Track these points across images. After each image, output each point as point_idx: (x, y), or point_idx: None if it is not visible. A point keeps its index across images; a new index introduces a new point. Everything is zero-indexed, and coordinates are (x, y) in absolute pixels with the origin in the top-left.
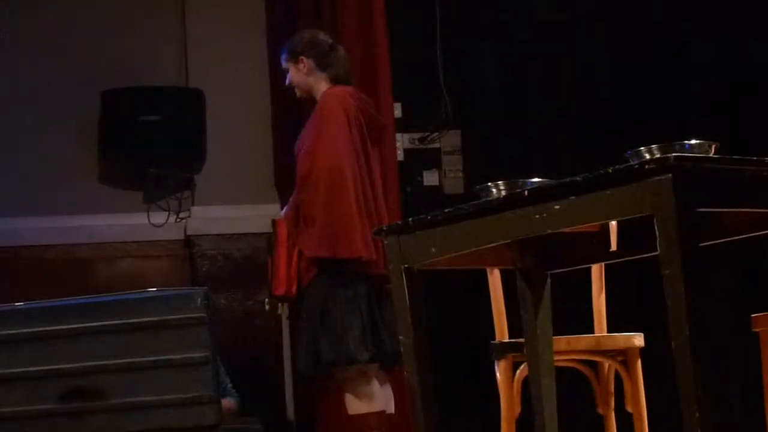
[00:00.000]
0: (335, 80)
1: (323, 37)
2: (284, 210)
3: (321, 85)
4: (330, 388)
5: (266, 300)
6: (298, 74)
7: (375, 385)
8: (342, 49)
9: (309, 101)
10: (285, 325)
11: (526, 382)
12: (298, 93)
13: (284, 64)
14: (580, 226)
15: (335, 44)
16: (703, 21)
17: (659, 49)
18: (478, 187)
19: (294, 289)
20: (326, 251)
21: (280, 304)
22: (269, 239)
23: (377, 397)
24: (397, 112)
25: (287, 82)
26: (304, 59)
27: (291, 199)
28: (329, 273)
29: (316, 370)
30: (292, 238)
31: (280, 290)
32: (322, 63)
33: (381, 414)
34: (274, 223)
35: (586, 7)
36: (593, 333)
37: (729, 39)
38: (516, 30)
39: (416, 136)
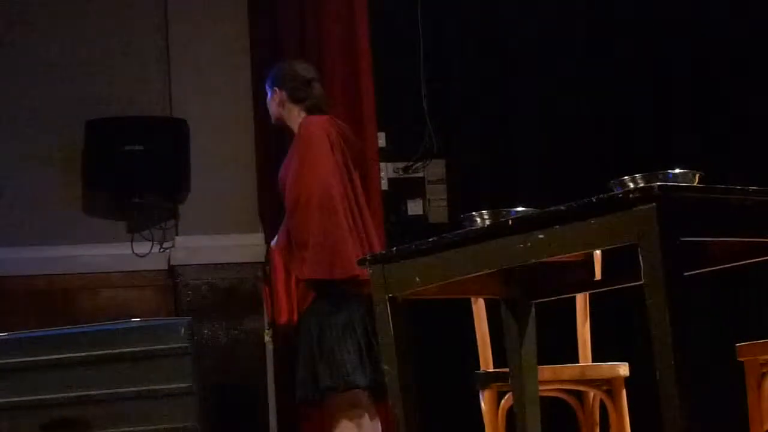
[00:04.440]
0: (309, 112)
1: (302, 70)
2: (276, 238)
3: (294, 116)
4: (316, 418)
5: (266, 331)
6: (273, 103)
7: (364, 416)
8: (318, 86)
9: (286, 129)
10: (270, 354)
11: (511, 412)
12: (272, 119)
13: (266, 88)
14: (564, 256)
15: (312, 79)
16: (687, 47)
17: (643, 77)
18: (462, 216)
19: (295, 316)
20: (322, 273)
21: (267, 334)
22: (264, 268)
23: (365, 428)
24: (381, 141)
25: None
26: (278, 90)
27: (282, 226)
28: (325, 299)
29: (314, 396)
30: (286, 265)
31: (283, 318)
32: (296, 96)
33: None
34: (268, 251)
35: (570, 36)
36: (578, 362)
37: (713, 67)
38: (499, 59)
39: (400, 165)
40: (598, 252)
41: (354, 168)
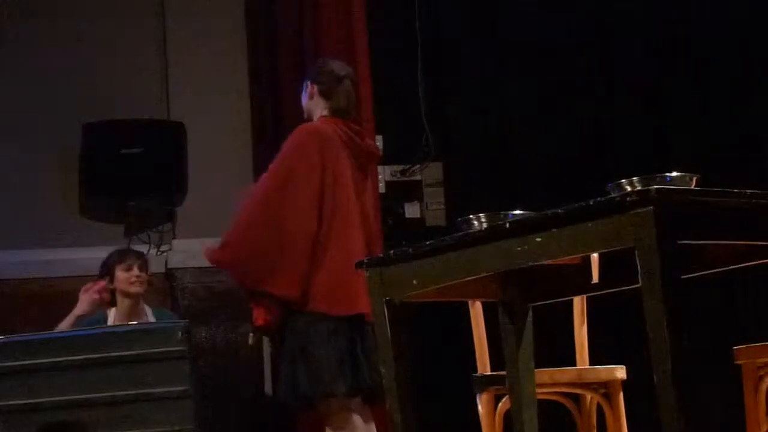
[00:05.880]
0: (335, 111)
1: (336, 67)
2: None
3: (318, 112)
4: (312, 421)
5: (251, 335)
6: (305, 97)
7: (356, 419)
8: (348, 83)
9: None
10: (267, 358)
11: (508, 416)
12: (305, 116)
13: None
14: (561, 259)
15: (344, 76)
16: (684, 54)
17: (640, 81)
18: (459, 219)
19: (270, 319)
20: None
21: (252, 335)
22: None
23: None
24: (379, 144)
25: None
26: (310, 83)
27: None
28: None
29: (293, 401)
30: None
31: (259, 320)
32: (325, 92)
33: None
34: None
35: (568, 40)
36: (575, 365)
37: (709, 70)
38: (497, 62)
39: (398, 168)
40: (595, 255)
41: (359, 171)
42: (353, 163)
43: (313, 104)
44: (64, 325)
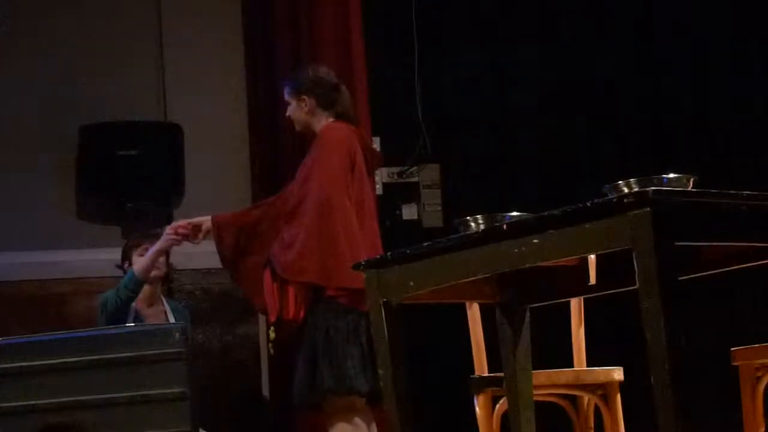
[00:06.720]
0: (340, 116)
1: (327, 76)
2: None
3: (322, 123)
4: (311, 421)
5: (271, 329)
6: (299, 111)
7: (358, 420)
8: (345, 89)
9: (308, 135)
10: (264, 359)
11: (505, 417)
12: (297, 127)
13: (286, 97)
14: (559, 260)
15: (339, 84)
16: (683, 53)
17: (638, 83)
18: (456, 221)
19: (302, 313)
20: (313, 277)
21: (272, 331)
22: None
23: None
24: (376, 146)
25: (287, 114)
26: (306, 98)
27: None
28: (328, 303)
29: (313, 398)
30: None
31: (290, 315)
32: (325, 103)
33: None
34: None
35: (565, 42)
36: (573, 367)
37: (707, 73)
38: (494, 64)
39: (395, 170)
40: (592, 256)
41: (368, 174)
42: (366, 167)
43: (315, 119)
44: (146, 260)
